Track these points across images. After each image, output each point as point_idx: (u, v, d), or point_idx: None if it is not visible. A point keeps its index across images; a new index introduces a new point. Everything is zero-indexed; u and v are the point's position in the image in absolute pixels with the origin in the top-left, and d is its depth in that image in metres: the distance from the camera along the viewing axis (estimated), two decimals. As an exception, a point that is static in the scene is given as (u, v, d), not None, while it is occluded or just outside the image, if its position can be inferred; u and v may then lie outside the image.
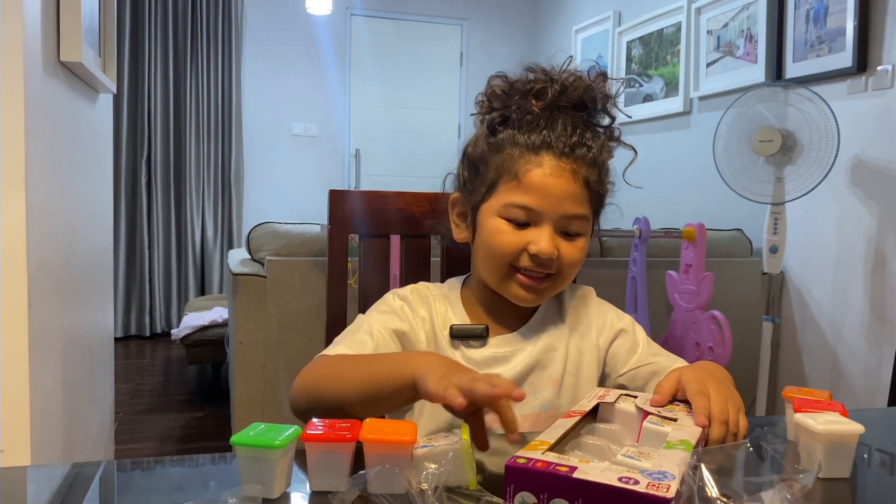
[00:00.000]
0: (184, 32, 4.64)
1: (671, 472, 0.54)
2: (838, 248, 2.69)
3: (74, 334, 1.68)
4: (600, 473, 0.53)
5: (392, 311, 0.94)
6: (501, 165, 0.90)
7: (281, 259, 2.36)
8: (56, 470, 0.78)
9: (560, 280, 0.91)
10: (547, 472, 0.54)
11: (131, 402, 3.27)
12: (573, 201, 0.88)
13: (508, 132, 0.90)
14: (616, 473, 0.53)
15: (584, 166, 0.88)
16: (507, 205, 0.88)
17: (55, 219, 1.46)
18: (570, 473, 0.53)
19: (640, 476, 0.53)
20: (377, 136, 5.29)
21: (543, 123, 0.89)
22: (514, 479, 0.55)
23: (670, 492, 0.51)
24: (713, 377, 0.77)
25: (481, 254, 0.92)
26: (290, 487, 0.63)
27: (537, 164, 0.87)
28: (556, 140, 0.88)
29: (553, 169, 0.87)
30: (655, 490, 0.51)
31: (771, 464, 0.65)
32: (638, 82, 4.04)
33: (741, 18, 3.21)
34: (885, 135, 2.49)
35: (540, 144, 0.88)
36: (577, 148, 0.88)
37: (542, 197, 0.87)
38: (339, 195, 1.11)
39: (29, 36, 1.23)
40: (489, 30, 5.39)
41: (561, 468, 0.54)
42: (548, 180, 0.87)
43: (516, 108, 0.90)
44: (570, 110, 0.90)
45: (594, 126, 0.92)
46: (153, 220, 4.64)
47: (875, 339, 2.54)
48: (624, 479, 0.52)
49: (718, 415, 0.71)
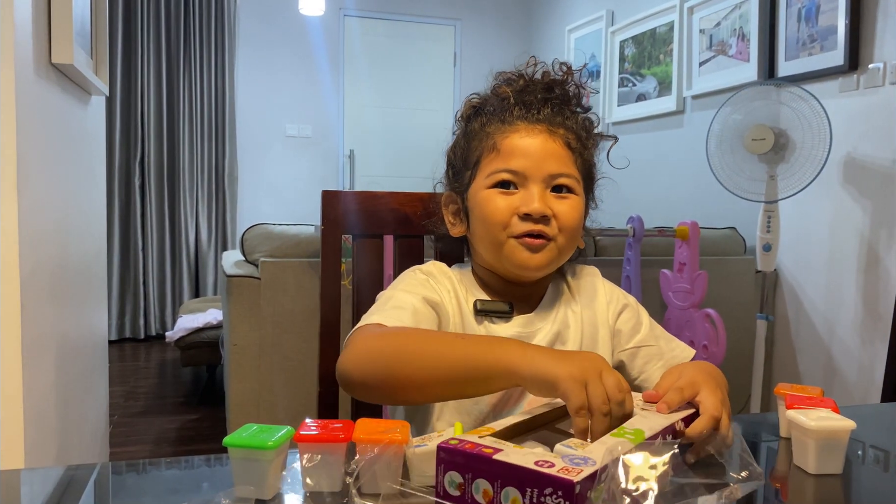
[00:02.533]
0: (176, 34, 4.63)
1: (593, 459, 0.54)
2: (831, 245, 2.71)
3: (68, 337, 1.67)
4: (521, 457, 0.54)
5: (420, 283, 0.93)
6: (480, 146, 0.93)
7: (275, 260, 2.36)
8: (50, 473, 0.78)
9: (560, 242, 0.89)
10: (471, 454, 0.56)
11: (126, 404, 3.26)
12: (555, 159, 0.89)
13: (483, 119, 0.94)
14: (536, 458, 0.54)
15: (560, 128, 0.91)
16: (492, 173, 0.90)
17: (48, 221, 1.46)
18: (491, 455, 0.55)
19: (560, 460, 0.54)
20: (371, 137, 5.29)
21: (515, 102, 0.92)
22: (444, 459, 0.57)
23: (579, 476, 0.51)
24: (713, 380, 0.76)
25: (478, 232, 0.92)
26: (283, 488, 0.63)
27: (513, 130, 0.90)
28: (529, 110, 0.91)
29: (528, 131, 0.90)
30: (566, 474, 0.51)
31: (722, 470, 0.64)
32: (631, 81, 4.05)
33: (733, 17, 3.22)
34: (876, 132, 2.50)
35: (515, 116, 0.91)
36: (553, 116, 0.91)
37: (523, 157, 0.89)
38: (332, 196, 1.11)
39: (20, 38, 1.23)
40: (482, 30, 5.40)
41: (486, 450, 0.55)
42: (525, 141, 0.89)
43: (489, 102, 0.95)
44: (542, 92, 0.93)
45: (569, 107, 0.95)
46: (147, 222, 4.63)
47: (868, 336, 2.55)
48: (539, 463, 0.53)
49: (711, 409, 0.70)
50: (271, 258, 2.37)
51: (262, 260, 2.36)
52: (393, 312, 0.86)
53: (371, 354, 0.80)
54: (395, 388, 0.77)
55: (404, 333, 0.82)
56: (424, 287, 0.92)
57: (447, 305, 0.92)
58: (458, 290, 0.94)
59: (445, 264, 1.00)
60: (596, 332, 0.96)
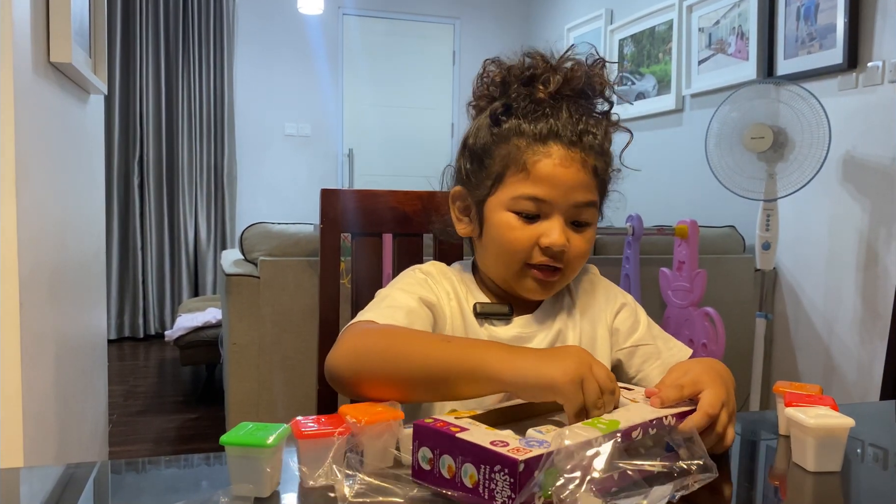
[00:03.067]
0: (175, 32, 4.63)
1: (547, 442, 0.57)
2: (830, 243, 2.71)
3: (67, 336, 1.67)
4: (482, 437, 0.58)
5: (418, 283, 0.93)
6: (508, 157, 0.87)
7: (274, 259, 2.36)
8: (50, 471, 0.78)
9: (568, 273, 0.90)
10: (440, 431, 0.60)
11: (125, 403, 3.26)
12: (583, 190, 0.86)
13: (513, 122, 0.88)
14: (494, 438, 0.58)
15: (591, 154, 0.87)
16: (517, 197, 0.86)
17: (47, 221, 1.46)
18: (455, 434, 0.59)
19: (516, 442, 0.57)
20: (370, 136, 5.29)
21: (549, 112, 0.87)
22: (418, 435, 0.61)
23: (525, 456, 0.54)
24: (719, 378, 0.75)
25: (492, 251, 0.91)
26: (280, 486, 0.63)
27: (546, 154, 0.85)
28: (563, 128, 0.86)
29: (562, 159, 0.85)
30: (514, 453, 0.54)
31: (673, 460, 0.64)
32: (630, 80, 4.05)
33: (732, 16, 3.22)
34: (875, 131, 2.50)
35: (547, 134, 0.86)
36: (584, 136, 0.87)
37: (553, 187, 0.85)
38: (331, 194, 1.11)
39: (18, 36, 1.22)
40: (481, 28, 5.39)
41: (453, 429, 0.59)
42: (558, 170, 0.85)
43: (517, 97, 0.89)
44: (573, 97, 0.89)
45: (595, 112, 0.92)
46: (146, 221, 4.62)
47: (867, 335, 2.56)
48: (495, 442, 0.57)
49: (706, 406, 0.69)
50: (270, 257, 2.37)
51: (261, 259, 2.36)
52: (387, 311, 0.86)
53: (357, 351, 0.80)
54: (379, 387, 0.77)
55: (391, 332, 0.82)
56: (422, 287, 0.92)
57: (445, 307, 0.92)
58: (458, 290, 0.94)
59: (445, 264, 0.99)
60: (595, 331, 0.96)
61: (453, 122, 5.41)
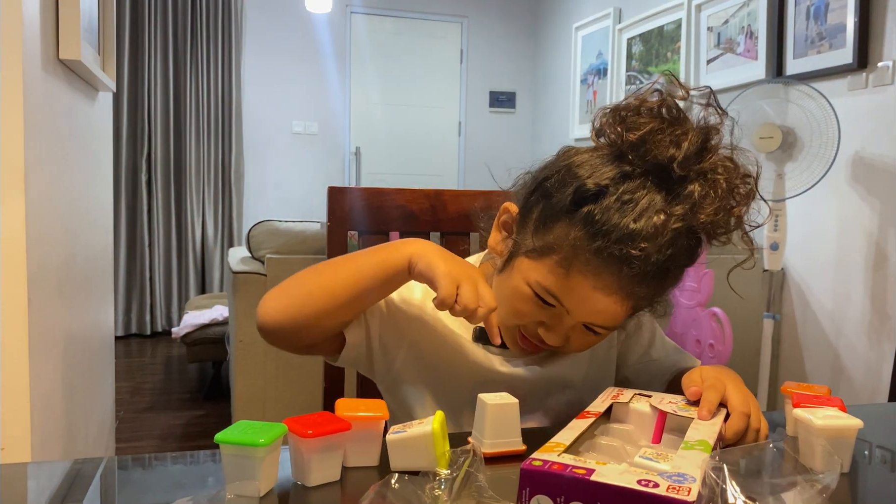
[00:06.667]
0: (183, 30, 4.64)
1: (691, 475, 0.52)
2: (839, 244, 2.69)
3: (75, 333, 1.68)
4: (619, 476, 0.51)
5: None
6: (560, 241, 0.76)
7: (281, 257, 2.36)
8: (57, 466, 0.79)
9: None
10: (564, 475, 0.52)
11: (132, 400, 3.28)
12: (610, 318, 0.79)
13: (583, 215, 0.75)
14: (635, 476, 0.52)
15: (643, 300, 0.80)
16: (545, 288, 0.78)
17: (55, 217, 1.46)
18: (587, 476, 0.52)
19: (660, 479, 0.51)
20: (377, 134, 5.29)
21: (616, 238, 0.73)
22: (530, 481, 0.53)
23: (691, 495, 0.49)
24: (733, 379, 0.77)
25: (498, 294, 0.80)
26: (276, 484, 0.63)
27: (595, 274, 0.75)
28: (623, 267, 0.74)
29: (605, 292, 0.76)
30: (676, 493, 0.49)
31: (793, 464, 0.64)
32: (639, 79, 4.03)
33: (741, 15, 3.21)
34: (885, 131, 2.49)
35: (606, 261, 0.74)
36: (651, 282, 0.77)
37: (580, 303, 0.77)
38: (338, 192, 1.11)
39: (28, 34, 1.23)
40: (489, 27, 5.39)
41: (578, 471, 0.52)
42: (593, 297, 0.76)
43: (609, 195, 0.75)
44: (656, 259, 0.74)
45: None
46: (153, 218, 4.64)
47: (876, 336, 2.54)
48: (643, 482, 0.51)
49: (739, 406, 0.71)
50: (277, 255, 2.37)
51: (268, 256, 2.36)
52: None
53: (286, 295, 0.85)
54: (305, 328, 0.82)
55: (314, 269, 0.85)
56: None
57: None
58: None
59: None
60: (600, 348, 0.92)
61: (460, 121, 5.41)
